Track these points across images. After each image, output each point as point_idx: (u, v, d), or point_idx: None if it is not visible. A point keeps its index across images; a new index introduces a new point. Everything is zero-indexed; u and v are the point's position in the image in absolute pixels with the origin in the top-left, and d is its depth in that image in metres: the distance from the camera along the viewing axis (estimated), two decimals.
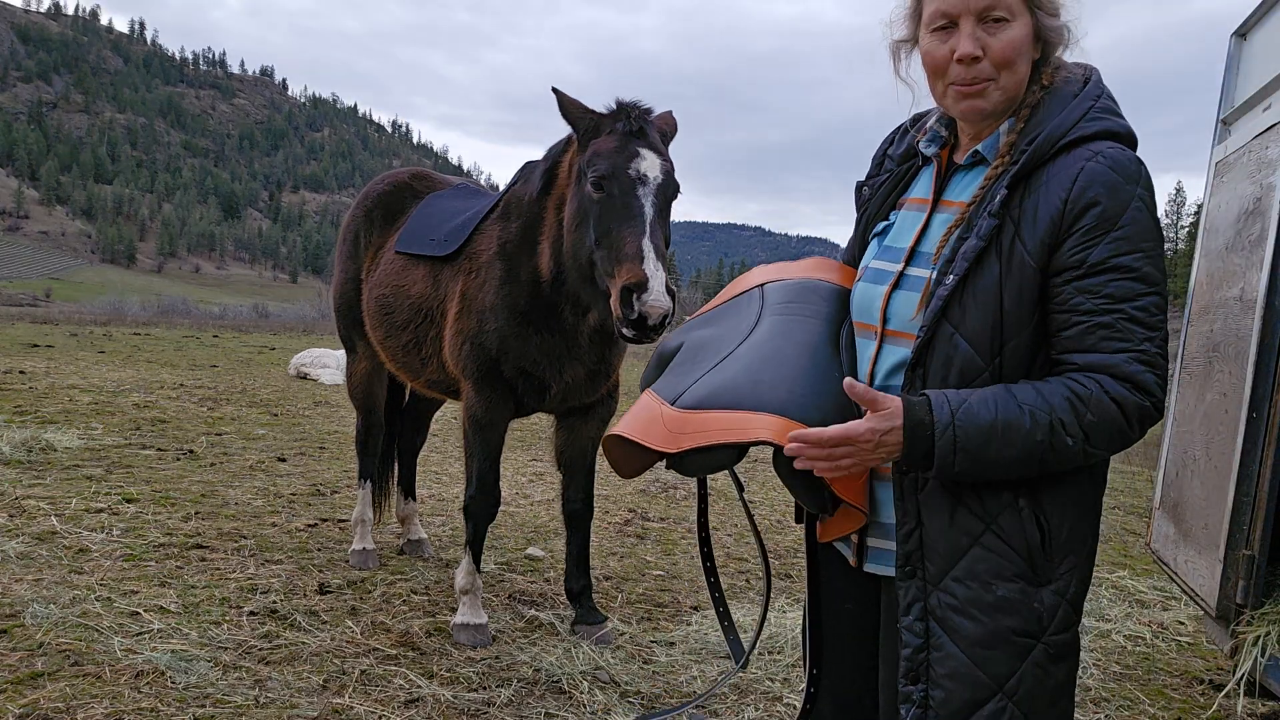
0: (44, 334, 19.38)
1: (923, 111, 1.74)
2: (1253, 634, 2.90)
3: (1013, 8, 1.51)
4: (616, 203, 2.99)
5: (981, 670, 1.47)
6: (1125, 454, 16.18)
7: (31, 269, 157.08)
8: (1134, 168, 1.46)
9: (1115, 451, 1.48)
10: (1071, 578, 1.49)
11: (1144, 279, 1.42)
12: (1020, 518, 1.47)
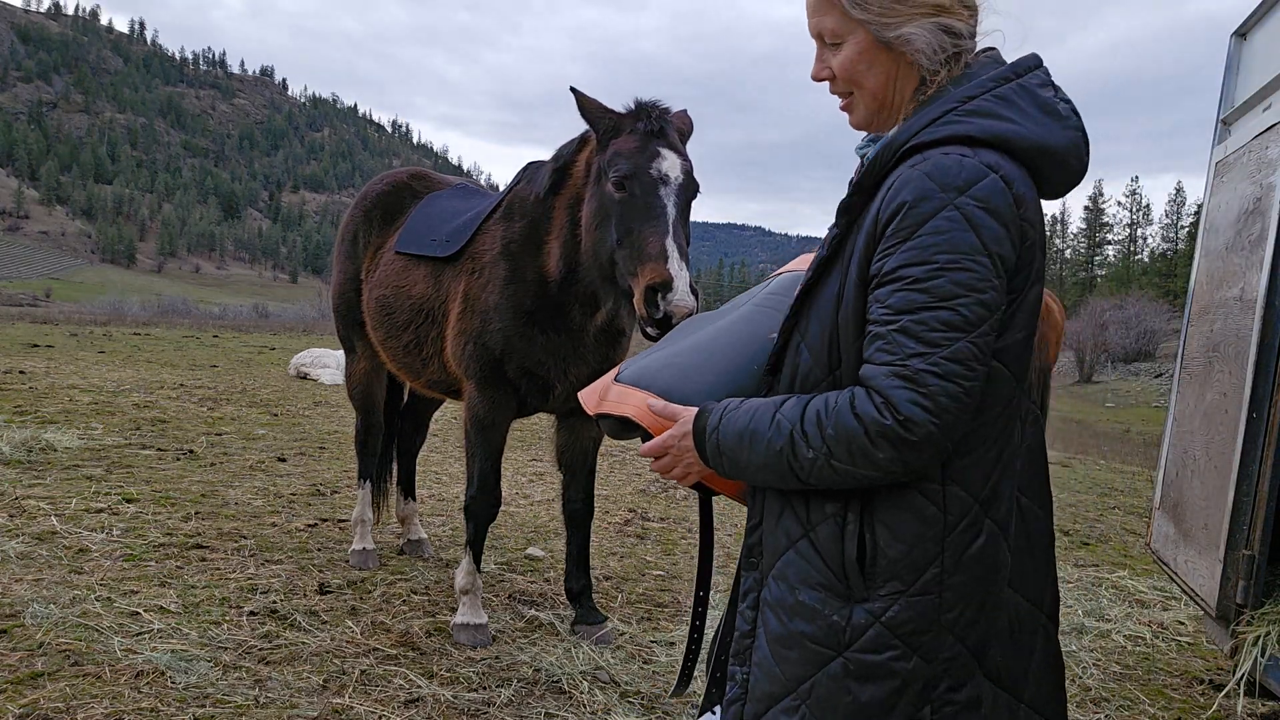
0: (44, 334, 19.38)
1: None
2: (1253, 634, 2.90)
3: (838, 31, 1.51)
4: (639, 202, 3.01)
5: (779, 668, 1.49)
6: (1124, 454, 16.21)
7: (31, 269, 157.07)
8: (959, 176, 1.36)
9: (880, 471, 1.36)
10: (894, 602, 1.41)
11: (930, 292, 1.33)
12: (841, 531, 1.44)
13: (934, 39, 1.47)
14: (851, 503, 1.44)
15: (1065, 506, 7.94)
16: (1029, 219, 1.40)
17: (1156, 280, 73.90)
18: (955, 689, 1.47)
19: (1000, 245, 1.36)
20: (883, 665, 1.42)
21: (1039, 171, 1.44)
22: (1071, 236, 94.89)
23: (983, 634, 1.48)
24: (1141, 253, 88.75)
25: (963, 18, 1.49)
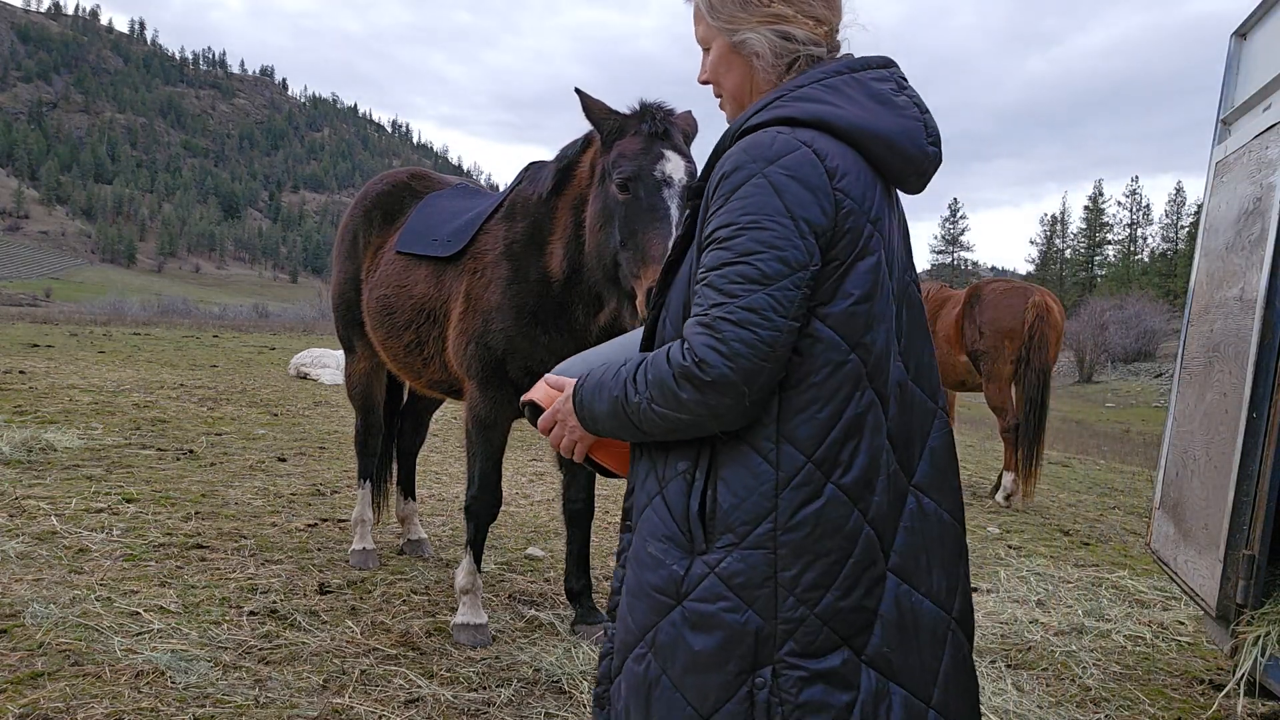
0: (44, 334, 19.38)
1: None
2: (1253, 634, 2.90)
3: (705, 38, 1.72)
4: (642, 204, 3.00)
5: (630, 617, 1.58)
6: (1124, 454, 16.21)
7: (31, 269, 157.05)
8: (771, 148, 1.49)
9: (688, 413, 1.47)
10: (729, 554, 1.49)
11: (733, 249, 1.46)
12: (689, 487, 1.54)
13: (771, 43, 1.64)
14: (700, 461, 1.54)
15: (1065, 506, 7.94)
16: (846, 191, 1.51)
17: (1156, 280, 73.89)
18: (808, 656, 1.49)
19: (806, 210, 1.47)
20: (715, 616, 1.49)
21: (871, 154, 1.56)
22: (1071, 236, 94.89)
23: (846, 610, 1.51)
24: (1141, 253, 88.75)
25: (805, 26, 1.64)
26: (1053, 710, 3.37)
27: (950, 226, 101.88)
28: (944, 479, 1.68)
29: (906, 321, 1.65)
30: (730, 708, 1.48)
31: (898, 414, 1.61)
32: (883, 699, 1.54)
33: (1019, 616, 4.42)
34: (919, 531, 1.62)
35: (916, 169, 1.62)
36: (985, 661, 3.80)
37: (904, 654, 1.57)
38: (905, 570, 1.60)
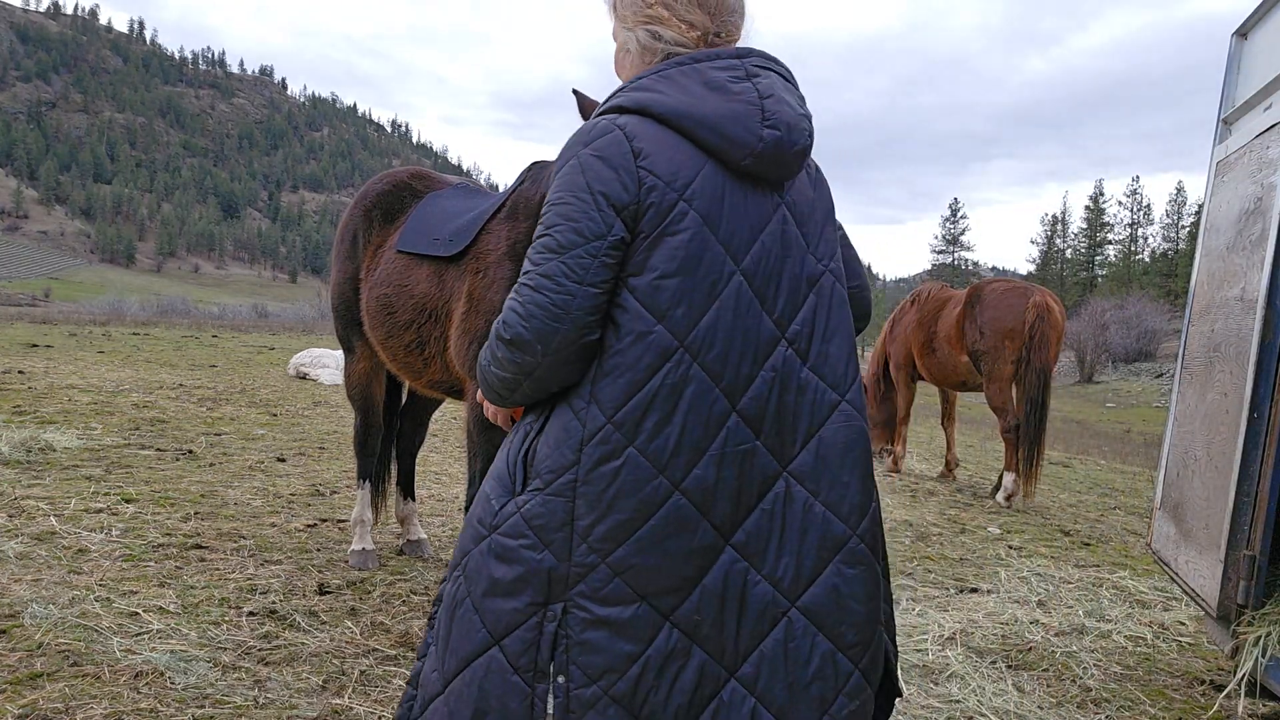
0: (43, 334, 19.37)
1: None
2: (1253, 634, 2.89)
3: (613, 34, 1.91)
4: None
5: (459, 542, 1.77)
6: (1125, 454, 16.21)
7: (31, 269, 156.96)
8: (589, 133, 1.65)
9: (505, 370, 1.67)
10: (534, 498, 1.64)
11: (544, 223, 1.64)
12: (524, 438, 1.72)
13: (641, 41, 1.80)
14: (540, 416, 1.71)
15: (1066, 507, 7.94)
16: (650, 169, 1.61)
17: (1157, 280, 73.92)
18: (596, 601, 1.60)
19: (606, 185, 1.60)
20: (515, 550, 1.63)
21: (695, 138, 1.65)
22: (1072, 236, 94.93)
23: (644, 568, 1.60)
24: (1142, 252, 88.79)
25: (677, 29, 1.77)
26: (1053, 711, 3.37)
27: (950, 226, 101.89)
28: (828, 472, 1.71)
29: (812, 309, 1.73)
30: (520, 634, 1.62)
31: (770, 395, 1.67)
32: (677, 659, 1.63)
33: (1019, 617, 4.42)
34: (778, 516, 1.68)
35: (748, 151, 1.66)
36: (985, 662, 3.80)
37: (718, 625, 1.65)
38: (749, 549, 1.67)
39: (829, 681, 1.70)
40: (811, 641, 1.69)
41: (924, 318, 8.69)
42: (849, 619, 1.71)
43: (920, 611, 4.43)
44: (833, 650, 1.70)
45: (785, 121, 1.68)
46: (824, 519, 1.70)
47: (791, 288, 1.71)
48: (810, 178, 1.82)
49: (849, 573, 1.71)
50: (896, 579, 5.08)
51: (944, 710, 3.28)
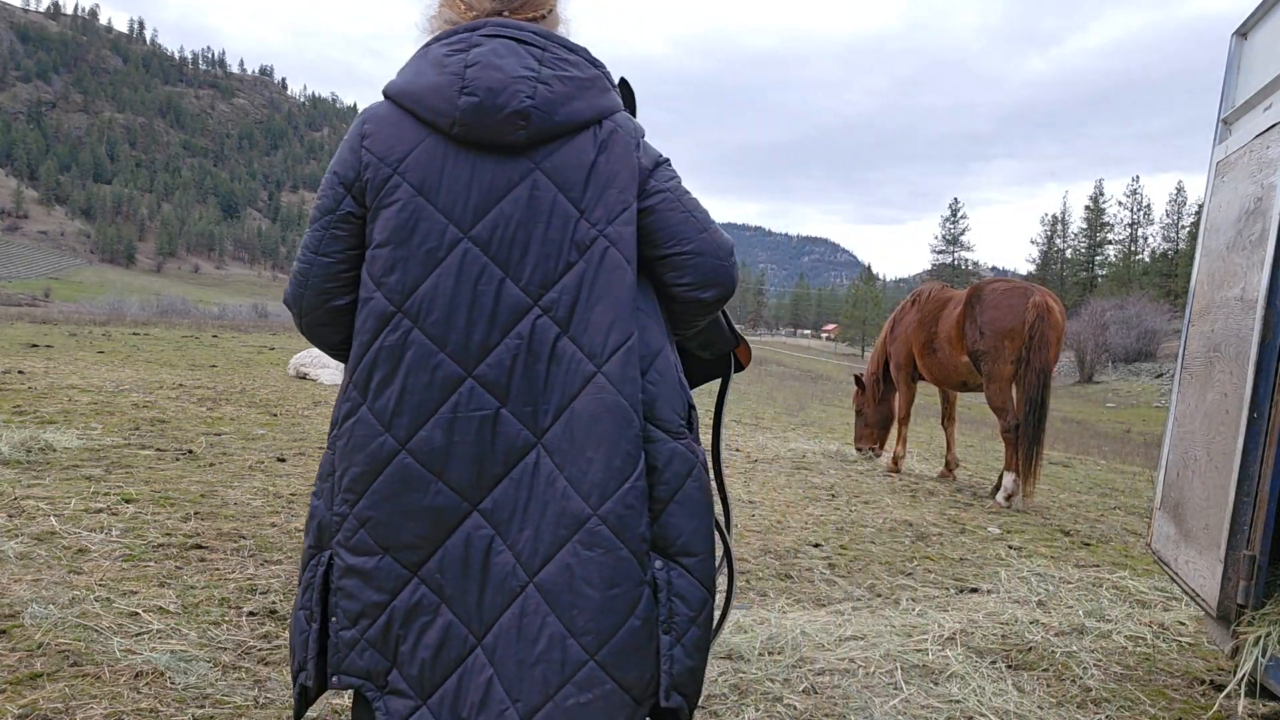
0: (43, 334, 19.37)
1: None
2: (1254, 634, 2.89)
3: None
4: None
5: None
6: (1125, 454, 16.19)
7: (31, 269, 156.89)
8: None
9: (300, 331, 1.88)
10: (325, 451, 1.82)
11: None
12: None
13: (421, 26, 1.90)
14: None
15: (1066, 507, 7.94)
16: (370, 147, 1.72)
17: (1157, 280, 73.90)
18: (348, 550, 1.71)
19: (340, 165, 1.77)
20: (311, 498, 1.81)
21: (414, 113, 1.71)
22: (1072, 236, 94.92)
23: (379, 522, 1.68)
24: (1142, 252, 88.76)
25: (458, 10, 1.83)
26: (1053, 710, 3.37)
27: (951, 226, 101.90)
28: (575, 447, 1.66)
29: (578, 276, 1.68)
30: (305, 575, 1.78)
31: (515, 364, 1.67)
32: (424, 614, 1.69)
33: (1019, 617, 4.42)
34: (525, 487, 1.67)
35: (451, 120, 1.67)
36: (985, 661, 3.80)
37: (461, 589, 1.68)
38: (496, 518, 1.68)
39: (554, 665, 1.63)
40: (542, 620, 1.64)
41: (924, 318, 8.69)
42: (580, 603, 1.63)
43: (920, 611, 4.43)
44: (564, 634, 1.63)
45: (485, 86, 1.66)
46: (564, 495, 1.65)
47: (545, 254, 1.67)
48: (596, 140, 1.72)
49: (585, 554, 1.63)
50: (896, 579, 5.08)
51: (944, 710, 3.28)
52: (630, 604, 1.65)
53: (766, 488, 7.60)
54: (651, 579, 1.70)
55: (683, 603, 1.72)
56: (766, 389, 22.51)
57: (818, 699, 3.33)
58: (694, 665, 1.73)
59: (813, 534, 6.02)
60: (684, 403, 1.80)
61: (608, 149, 1.72)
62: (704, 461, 1.80)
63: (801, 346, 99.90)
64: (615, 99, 1.80)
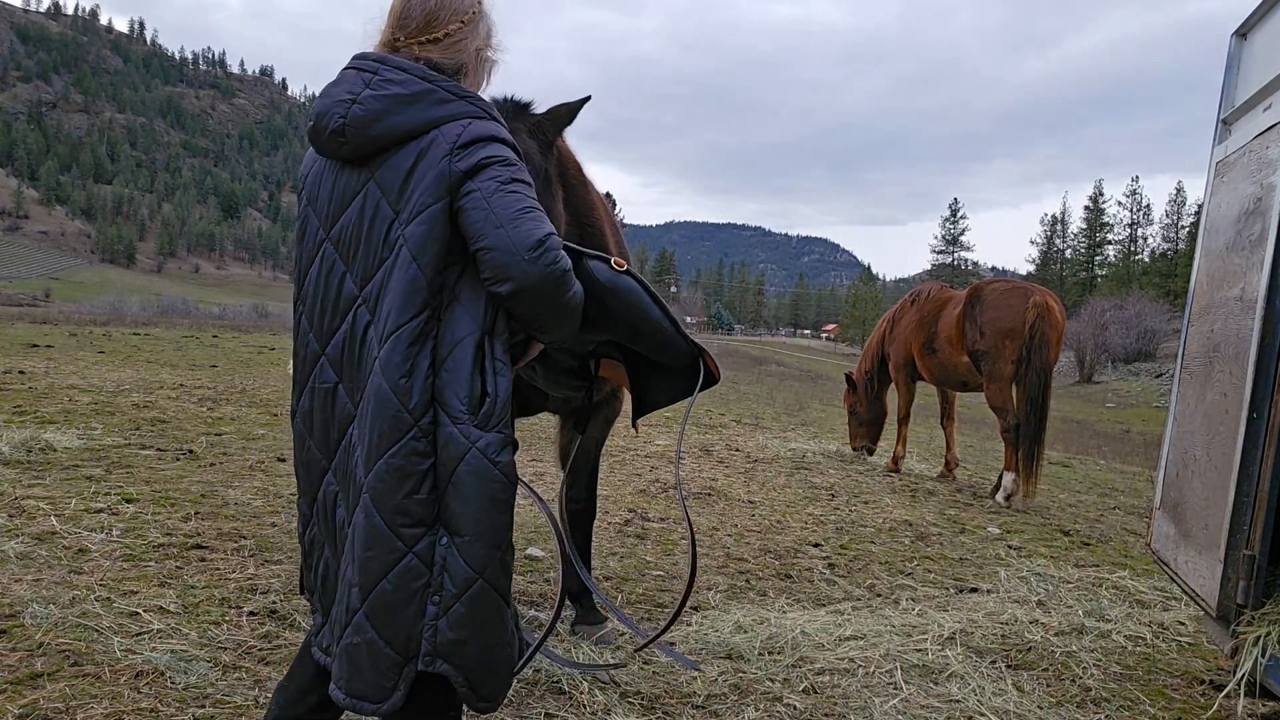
0: (43, 334, 19.37)
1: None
2: (1253, 634, 2.90)
3: None
4: None
5: None
6: (1124, 454, 16.19)
7: (31, 269, 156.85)
8: None
9: None
10: None
11: None
12: None
13: None
14: None
15: (1065, 506, 7.94)
16: (302, 168, 2.14)
17: (1157, 280, 73.86)
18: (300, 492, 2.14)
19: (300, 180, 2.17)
20: None
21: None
22: (1072, 236, 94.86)
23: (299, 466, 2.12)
24: (1142, 253, 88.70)
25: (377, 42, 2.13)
26: (1053, 710, 3.37)
27: (950, 226, 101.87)
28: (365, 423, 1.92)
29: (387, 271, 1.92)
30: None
31: (345, 346, 1.99)
32: (317, 548, 2.11)
33: (1019, 616, 4.42)
34: (347, 453, 1.99)
35: (309, 141, 2.05)
36: (985, 661, 3.80)
37: (329, 532, 2.06)
38: (338, 476, 2.02)
39: (344, 607, 1.95)
40: (343, 568, 1.98)
41: (924, 318, 8.68)
42: (352, 560, 1.92)
43: (920, 611, 4.43)
44: (350, 583, 1.92)
45: (317, 112, 1.98)
46: (356, 464, 1.95)
47: (368, 253, 1.94)
48: (419, 149, 1.90)
49: (358, 518, 1.91)
50: (896, 579, 5.08)
51: (944, 710, 3.29)
52: (383, 568, 1.87)
53: (766, 488, 7.60)
54: (429, 550, 1.89)
55: (449, 578, 1.88)
56: (766, 389, 22.51)
57: (818, 699, 3.34)
58: (458, 639, 1.88)
59: (813, 534, 6.02)
60: (471, 392, 1.90)
61: (425, 156, 1.90)
62: (487, 448, 1.91)
63: (801, 346, 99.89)
64: (454, 108, 1.92)
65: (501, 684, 1.97)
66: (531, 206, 1.89)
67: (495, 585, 1.91)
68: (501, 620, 1.93)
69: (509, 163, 1.91)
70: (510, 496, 1.96)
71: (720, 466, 8.53)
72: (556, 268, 1.87)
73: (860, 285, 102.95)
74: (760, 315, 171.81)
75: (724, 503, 6.84)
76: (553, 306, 1.91)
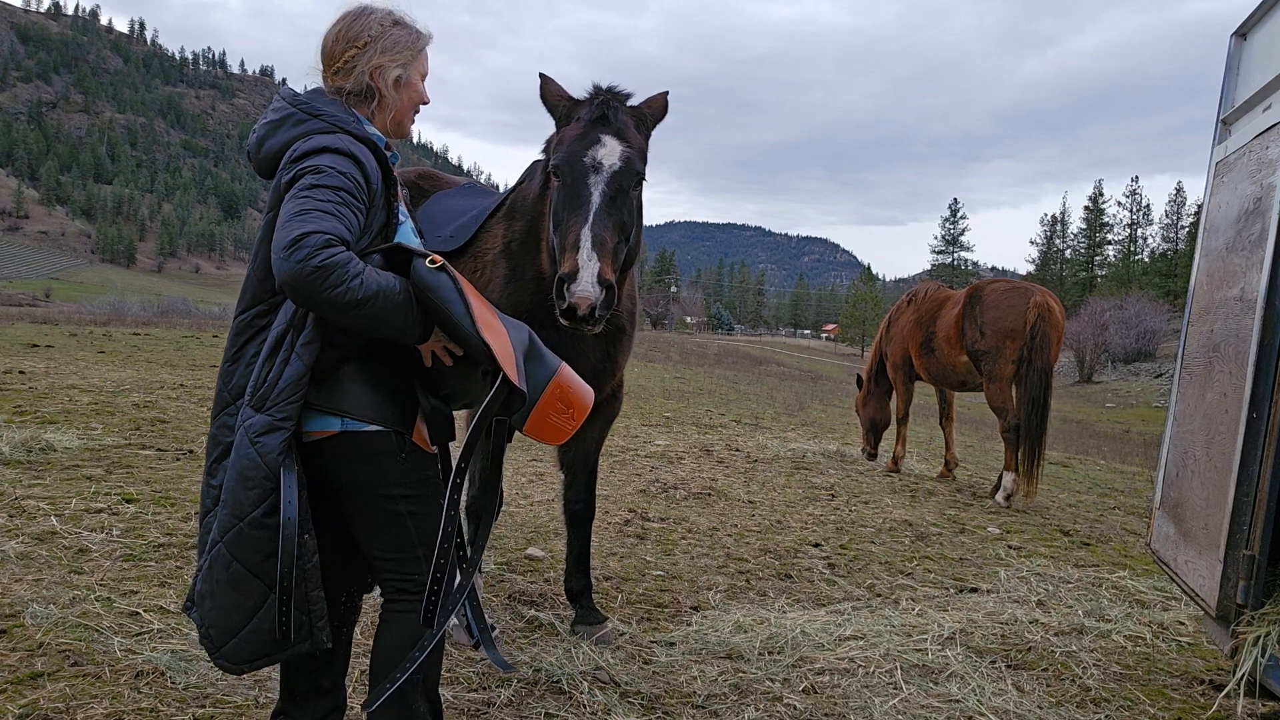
0: (44, 334, 19.37)
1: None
2: (1253, 634, 2.90)
3: None
4: (570, 191, 2.90)
5: None
6: (1124, 454, 16.19)
7: (31, 269, 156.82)
8: None
9: None
10: None
11: None
12: None
13: None
14: None
15: (1065, 507, 7.94)
16: None
17: (1157, 280, 73.86)
18: None
19: None
20: None
21: None
22: (1071, 236, 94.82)
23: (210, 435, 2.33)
24: (1141, 253, 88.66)
25: None
26: (1053, 710, 3.37)
27: (950, 226, 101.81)
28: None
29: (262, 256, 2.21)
30: None
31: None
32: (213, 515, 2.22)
33: (1019, 616, 4.42)
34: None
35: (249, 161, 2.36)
36: (985, 661, 3.80)
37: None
38: None
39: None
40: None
41: (921, 317, 8.68)
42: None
43: (920, 611, 4.43)
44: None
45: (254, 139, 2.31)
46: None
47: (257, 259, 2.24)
48: (281, 165, 2.20)
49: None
50: (896, 579, 5.08)
51: (943, 710, 3.29)
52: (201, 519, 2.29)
53: (766, 488, 7.60)
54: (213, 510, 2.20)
55: (211, 538, 2.16)
56: (766, 389, 22.51)
57: (818, 698, 3.34)
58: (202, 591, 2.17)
59: (813, 534, 6.02)
60: (259, 377, 2.14)
61: (283, 171, 2.17)
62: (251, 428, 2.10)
63: (801, 346, 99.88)
64: (306, 127, 2.22)
65: (243, 650, 2.12)
66: (311, 210, 2.01)
67: (234, 552, 2.09)
68: (238, 589, 2.09)
69: (319, 170, 2.09)
70: (260, 476, 2.07)
71: (720, 466, 8.53)
72: (306, 265, 1.94)
73: (860, 285, 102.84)
74: (760, 315, 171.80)
75: (724, 503, 6.84)
76: (312, 301, 1.99)
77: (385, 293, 2.03)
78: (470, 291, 2.20)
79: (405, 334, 2.13)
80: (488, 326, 2.15)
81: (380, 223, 2.27)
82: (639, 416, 12.21)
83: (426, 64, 2.46)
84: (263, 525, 2.08)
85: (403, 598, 2.28)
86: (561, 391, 2.33)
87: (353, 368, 2.21)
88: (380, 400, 2.23)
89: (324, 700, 2.42)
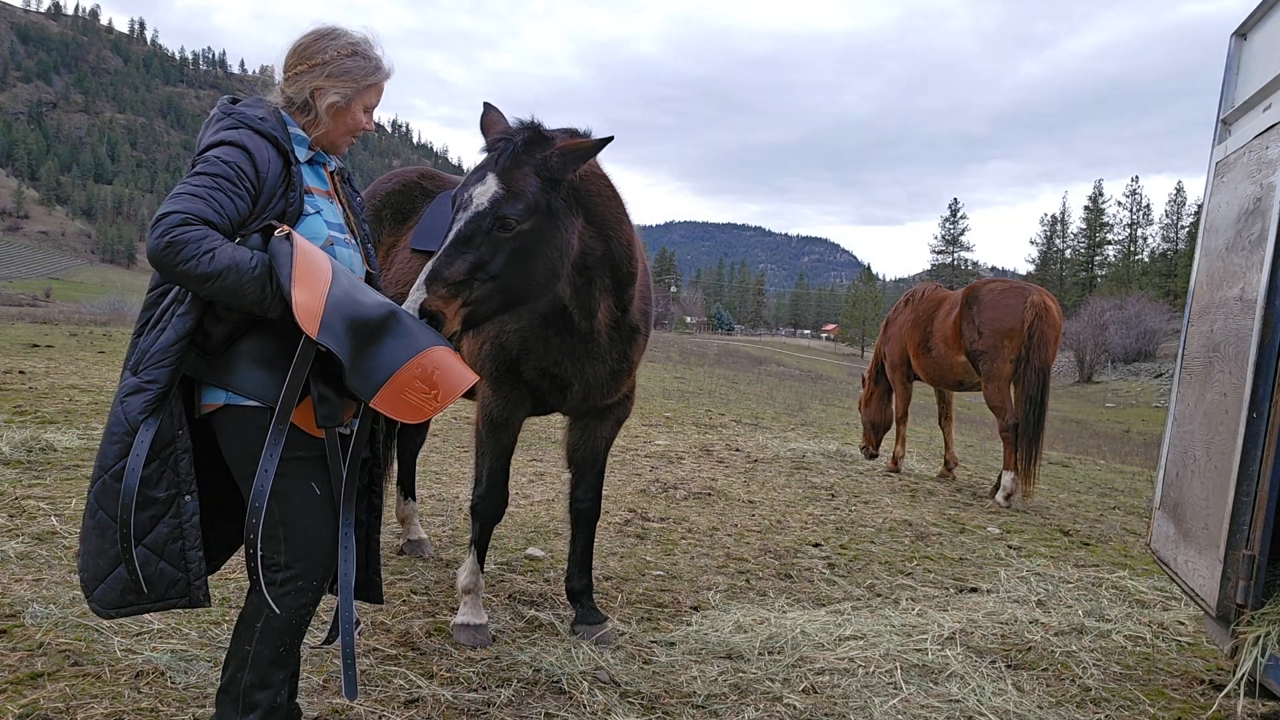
0: (44, 334, 19.36)
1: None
2: (1253, 634, 2.90)
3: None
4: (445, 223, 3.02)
5: None
6: (1124, 454, 16.20)
7: (31, 269, 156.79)
8: None
9: None
10: None
11: None
12: None
13: None
14: None
15: (1065, 506, 7.94)
16: None
17: (1156, 280, 73.88)
18: None
19: None
20: None
21: None
22: (1071, 236, 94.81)
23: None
24: (1141, 253, 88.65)
25: None
26: (1053, 710, 3.37)
27: (950, 227, 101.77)
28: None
29: None
30: None
31: None
32: None
33: (1019, 616, 4.42)
34: None
35: None
36: (985, 661, 3.80)
37: None
38: None
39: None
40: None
41: (919, 318, 8.68)
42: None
43: (920, 611, 4.43)
44: None
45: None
46: None
47: None
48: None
49: None
50: (896, 579, 5.08)
51: (943, 710, 3.29)
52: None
53: (766, 488, 7.60)
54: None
55: None
56: (766, 389, 22.51)
57: (818, 698, 3.34)
58: (80, 535, 2.32)
59: (813, 534, 6.02)
60: (141, 344, 2.31)
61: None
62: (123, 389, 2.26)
63: (801, 346, 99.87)
64: (220, 124, 2.38)
65: (109, 593, 2.26)
66: (181, 193, 2.19)
67: (99, 501, 2.25)
68: (103, 536, 2.25)
69: (206, 160, 2.27)
70: (121, 432, 2.23)
71: (720, 466, 8.53)
72: (160, 241, 2.13)
73: (860, 285, 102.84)
74: (760, 315, 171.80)
75: (724, 503, 6.84)
76: (170, 275, 2.18)
77: (237, 267, 2.15)
78: (309, 255, 2.27)
79: (264, 306, 2.24)
80: (301, 281, 2.21)
81: (278, 211, 2.38)
82: (639, 416, 12.21)
83: (377, 97, 2.59)
84: (119, 476, 2.22)
85: (254, 577, 2.32)
86: (424, 372, 2.35)
87: (247, 345, 2.33)
88: (265, 378, 2.31)
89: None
